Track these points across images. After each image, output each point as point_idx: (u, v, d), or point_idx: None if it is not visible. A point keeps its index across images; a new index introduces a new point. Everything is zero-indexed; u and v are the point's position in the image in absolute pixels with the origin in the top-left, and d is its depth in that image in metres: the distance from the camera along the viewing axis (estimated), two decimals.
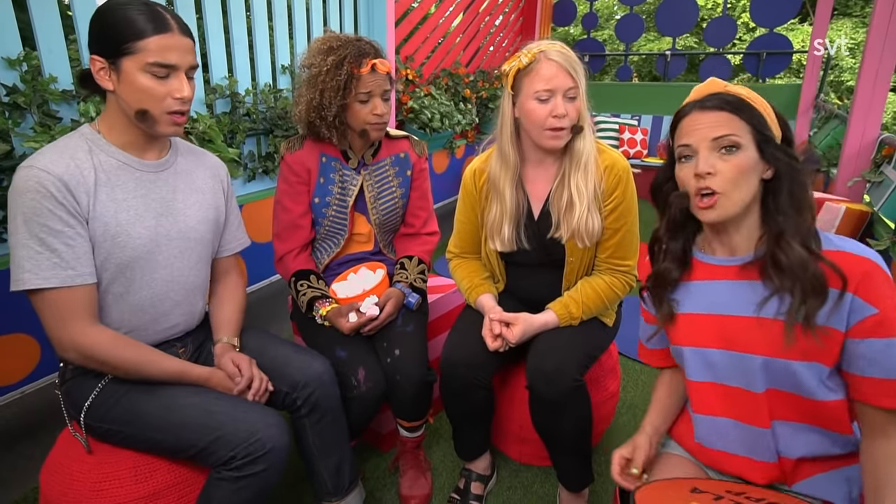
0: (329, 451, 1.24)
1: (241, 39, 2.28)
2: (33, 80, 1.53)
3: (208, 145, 1.83)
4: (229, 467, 1.01)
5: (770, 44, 4.58)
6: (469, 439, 1.47)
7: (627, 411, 1.88)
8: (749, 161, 0.82)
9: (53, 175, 0.91)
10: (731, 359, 0.88)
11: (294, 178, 1.46)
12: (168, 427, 1.02)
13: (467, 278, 1.45)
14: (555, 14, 5.64)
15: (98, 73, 0.95)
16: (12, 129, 1.50)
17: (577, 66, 1.20)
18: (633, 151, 4.78)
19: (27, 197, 0.90)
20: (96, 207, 0.98)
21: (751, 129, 0.82)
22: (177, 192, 1.11)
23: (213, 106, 2.17)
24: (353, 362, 1.32)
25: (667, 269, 0.95)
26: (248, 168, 2.32)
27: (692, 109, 0.86)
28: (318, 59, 1.31)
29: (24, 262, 0.91)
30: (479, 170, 1.38)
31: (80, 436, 1.07)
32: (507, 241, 1.33)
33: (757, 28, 7.97)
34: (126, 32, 0.92)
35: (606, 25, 12.20)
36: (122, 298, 1.05)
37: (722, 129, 0.82)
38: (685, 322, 0.94)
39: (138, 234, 1.03)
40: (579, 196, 1.25)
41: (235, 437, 1.01)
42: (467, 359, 1.32)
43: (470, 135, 4.26)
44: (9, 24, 1.51)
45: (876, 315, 0.76)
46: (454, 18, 4.11)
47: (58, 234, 0.92)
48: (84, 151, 0.98)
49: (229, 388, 1.11)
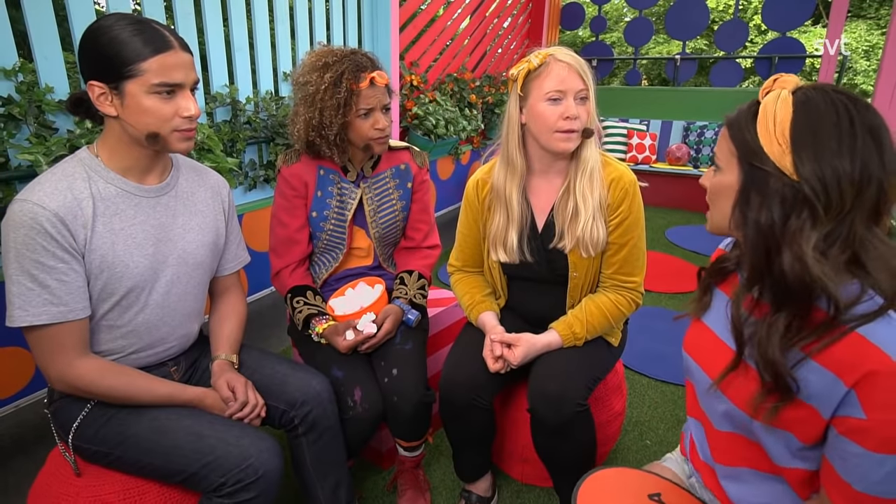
0: (326, 471, 1.21)
1: (241, 46, 2.26)
2: (29, 90, 1.51)
3: (207, 155, 1.81)
4: (220, 493, 0.98)
5: (782, 48, 4.50)
6: (469, 461, 1.43)
7: (634, 428, 1.82)
8: (722, 186, 0.72)
9: (49, 210, 0.89)
10: (704, 384, 0.82)
11: (291, 191, 1.42)
12: (158, 450, 1.00)
13: (468, 294, 1.41)
14: (563, 17, 5.60)
15: (98, 100, 0.91)
16: (7, 140, 1.48)
17: (587, 69, 1.18)
18: (641, 157, 4.72)
19: (20, 232, 0.88)
20: (93, 240, 0.95)
21: (736, 152, 0.70)
22: (177, 216, 1.08)
23: (213, 114, 2.15)
24: (349, 382, 1.28)
25: (728, 257, 0.83)
26: (248, 177, 2.30)
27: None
28: (314, 76, 1.27)
29: (15, 299, 0.90)
30: (482, 181, 1.34)
31: (69, 456, 1.04)
32: (511, 249, 1.28)
33: (769, 30, 7.86)
34: (126, 54, 0.88)
35: (615, 28, 12.13)
36: (118, 324, 1.03)
37: (718, 147, 0.74)
38: (698, 328, 0.87)
39: (136, 262, 1.00)
40: (584, 203, 1.21)
41: (227, 462, 0.98)
42: (467, 379, 1.28)
43: (475, 140, 4.22)
44: (4, 33, 1.50)
45: (862, 421, 0.62)
46: (461, 22, 4.08)
47: (50, 269, 0.90)
48: (82, 180, 0.95)
49: (222, 409, 1.09)
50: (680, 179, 4.53)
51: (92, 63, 0.91)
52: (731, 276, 0.83)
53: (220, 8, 2.15)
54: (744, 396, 0.73)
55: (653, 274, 3.11)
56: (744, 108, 0.69)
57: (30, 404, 1.66)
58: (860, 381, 0.61)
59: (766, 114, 0.65)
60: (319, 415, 1.18)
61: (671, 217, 4.34)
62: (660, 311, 2.66)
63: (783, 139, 0.63)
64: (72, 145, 1.52)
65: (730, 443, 0.80)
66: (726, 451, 0.81)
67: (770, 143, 0.64)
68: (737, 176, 0.68)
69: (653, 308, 2.69)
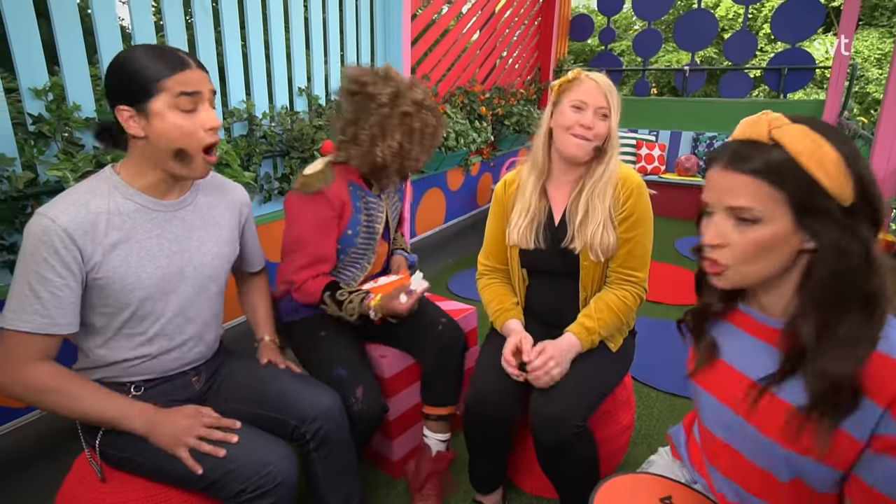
0: (337, 484, 1.24)
1: (258, 61, 2.33)
2: (58, 108, 1.57)
3: (225, 170, 1.86)
4: (240, 500, 1.01)
5: (792, 59, 4.51)
6: (486, 472, 1.46)
7: (642, 442, 1.84)
8: (772, 237, 0.68)
9: (59, 225, 0.93)
10: (749, 434, 0.79)
11: (331, 212, 1.39)
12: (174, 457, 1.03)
13: (496, 301, 1.46)
14: (572, 28, 5.64)
15: (128, 123, 0.97)
16: (37, 157, 1.54)
17: (613, 95, 1.30)
18: (650, 167, 4.74)
19: (30, 242, 0.93)
20: (105, 253, 0.99)
21: (787, 198, 0.67)
22: (193, 229, 1.12)
23: (230, 129, 2.21)
24: (352, 381, 1.33)
25: (711, 304, 0.85)
26: (264, 189, 2.35)
27: (719, 161, 0.71)
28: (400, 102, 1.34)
29: (12, 301, 0.95)
30: (509, 181, 1.46)
31: (95, 462, 1.08)
32: (523, 235, 1.37)
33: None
34: (148, 74, 0.95)
35: (625, 36, 12.16)
36: (136, 332, 1.07)
37: (742, 198, 0.68)
38: (718, 367, 0.85)
39: (149, 274, 1.04)
40: (593, 211, 1.31)
41: (247, 470, 1.01)
42: (496, 393, 1.31)
43: (485, 152, 4.26)
44: (36, 54, 1.56)
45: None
46: (471, 36, 4.14)
47: (47, 282, 0.94)
48: (102, 195, 1.00)
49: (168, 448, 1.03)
50: (689, 190, 4.54)
51: (119, 89, 0.96)
52: (730, 312, 0.84)
53: (237, 22, 2.21)
54: (789, 434, 0.72)
55: (662, 285, 3.12)
56: (756, 153, 0.68)
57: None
58: (894, 401, 0.63)
59: (812, 151, 0.65)
60: (330, 429, 1.21)
61: (681, 228, 4.35)
62: (668, 324, 2.67)
63: (842, 172, 0.65)
64: (98, 161, 1.57)
65: (798, 491, 0.76)
66: (797, 499, 0.78)
67: (827, 177, 0.65)
68: (790, 222, 0.67)
69: (661, 320, 2.70)
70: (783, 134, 0.67)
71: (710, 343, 0.85)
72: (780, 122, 0.68)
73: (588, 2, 11.90)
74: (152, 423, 1.03)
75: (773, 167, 0.66)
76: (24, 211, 1.53)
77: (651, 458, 1.08)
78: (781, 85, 4.58)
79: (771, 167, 0.66)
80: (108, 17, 1.75)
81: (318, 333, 1.46)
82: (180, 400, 1.15)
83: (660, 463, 1.05)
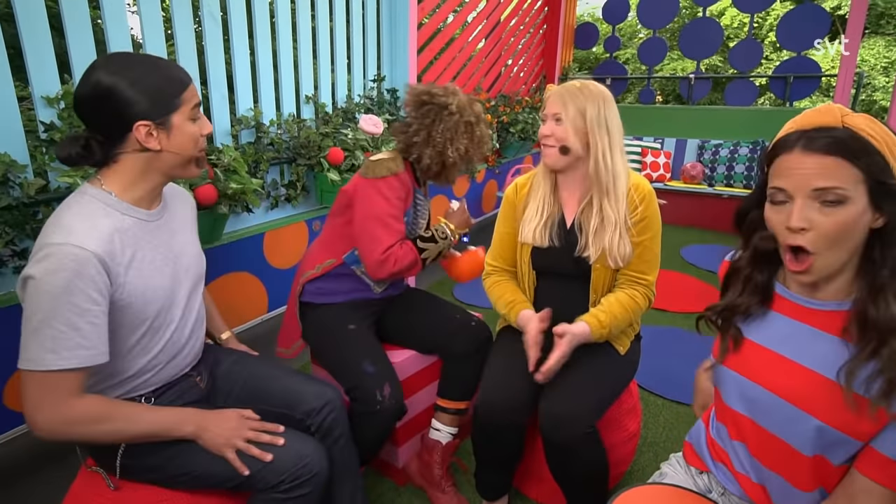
0: (343, 478, 1.27)
1: (266, 70, 2.36)
2: (69, 116, 1.60)
3: (233, 176, 1.88)
4: (278, 490, 1.04)
5: (797, 67, 4.51)
6: (492, 481, 1.46)
7: (649, 450, 1.83)
8: (855, 215, 0.70)
9: (89, 251, 0.90)
10: (781, 408, 0.81)
11: (405, 195, 1.50)
12: (216, 457, 1.04)
13: (506, 296, 1.45)
14: (577, 37, 5.67)
15: (146, 138, 0.96)
16: (48, 164, 1.57)
17: (570, 97, 1.32)
18: (655, 175, 4.73)
19: (60, 276, 0.87)
20: (125, 273, 0.98)
21: (864, 177, 0.70)
22: (175, 233, 1.12)
23: (238, 136, 2.23)
24: (380, 378, 1.37)
25: (745, 301, 0.86)
26: (270, 196, 2.37)
27: (796, 144, 0.72)
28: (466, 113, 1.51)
29: (48, 342, 0.88)
30: (521, 184, 1.49)
31: (102, 472, 1.08)
32: (536, 232, 1.39)
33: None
34: (175, 86, 0.98)
35: (630, 44, 12.21)
36: (150, 346, 1.07)
37: (828, 179, 0.70)
38: (749, 350, 0.86)
39: (160, 285, 1.05)
40: (608, 221, 1.32)
41: (287, 463, 1.05)
42: (506, 401, 1.31)
43: (490, 159, 4.27)
44: (49, 63, 1.59)
45: None
46: (477, 44, 4.16)
47: (85, 312, 0.90)
48: (103, 216, 0.97)
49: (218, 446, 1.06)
50: (695, 198, 4.53)
51: (138, 105, 0.94)
52: (774, 299, 0.85)
53: (246, 31, 2.24)
54: (838, 413, 0.74)
55: (668, 293, 3.11)
56: (837, 137, 0.71)
57: None
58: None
59: (881, 136, 0.70)
60: (334, 421, 1.23)
61: (686, 236, 4.33)
62: (675, 331, 2.66)
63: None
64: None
65: (818, 467, 0.79)
66: (817, 475, 0.80)
67: (895, 159, 0.70)
68: (867, 202, 0.70)
69: (668, 328, 2.69)
70: (855, 120, 0.71)
71: (738, 332, 0.87)
72: (848, 111, 0.72)
73: (594, 10, 11.96)
74: (201, 427, 1.05)
75: (855, 147, 0.69)
76: (34, 217, 1.56)
77: (662, 470, 1.06)
78: (787, 93, 4.57)
79: (851, 147, 0.69)
80: (120, 28, 1.78)
81: (345, 325, 1.50)
82: (190, 403, 1.16)
83: (671, 473, 1.03)
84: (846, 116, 0.71)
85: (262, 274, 2.42)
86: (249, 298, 2.38)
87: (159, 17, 1.93)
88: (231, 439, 1.05)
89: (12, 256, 1.54)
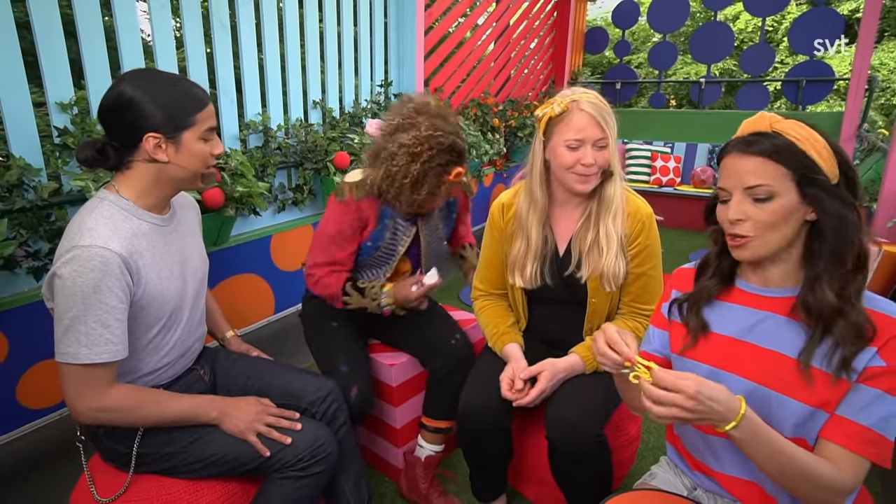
0: (348, 464, 1.32)
1: (274, 75, 2.40)
2: (82, 121, 1.65)
3: (240, 180, 1.92)
4: (295, 468, 1.11)
5: (810, 71, 4.46)
6: (486, 483, 1.47)
7: (650, 454, 1.82)
8: (785, 207, 0.80)
9: (115, 252, 0.97)
10: (754, 392, 0.85)
11: (356, 223, 1.45)
12: (236, 440, 1.11)
13: (493, 324, 1.43)
14: (586, 42, 5.67)
15: (154, 150, 1.02)
16: (62, 168, 1.62)
17: (609, 116, 1.21)
18: (665, 179, 4.71)
19: (90, 276, 0.94)
20: (146, 274, 1.05)
21: (791, 174, 0.79)
22: (183, 237, 1.19)
23: (246, 141, 2.28)
24: (350, 379, 1.42)
25: (708, 285, 0.94)
26: (278, 199, 2.41)
27: (732, 149, 0.84)
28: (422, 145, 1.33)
29: (82, 338, 0.96)
30: (506, 204, 1.39)
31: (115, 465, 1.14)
32: (529, 278, 1.33)
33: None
34: (192, 106, 1.04)
35: (642, 48, 12.14)
36: (162, 344, 1.13)
37: (756, 177, 0.80)
38: (716, 342, 0.91)
39: (173, 286, 1.11)
40: (608, 241, 1.26)
41: (303, 444, 1.12)
42: (485, 405, 1.31)
43: (498, 163, 4.29)
44: (63, 70, 1.64)
45: (884, 367, 0.76)
46: (485, 48, 4.19)
47: (112, 309, 0.98)
48: (122, 220, 1.03)
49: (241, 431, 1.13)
50: (704, 202, 4.48)
51: (153, 118, 1.01)
52: (725, 290, 0.94)
53: (254, 37, 2.29)
54: (805, 390, 0.81)
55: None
56: (764, 139, 0.81)
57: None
58: (884, 345, 0.77)
59: (806, 137, 0.80)
60: (338, 408, 1.31)
61: (695, 240, 4.30)
62: None
63: (828, 153, 0.80)
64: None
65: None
66: None
67: (820, 158, 0.79)
68: (796, 195, 0.80)
69: None
70: (783, 125, 0.81)
71: (702, 321, 0.93)
72: (778, 118, 0.83)
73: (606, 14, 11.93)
74: (224, 412, 1.13)
75: (779, 148, 0.80)
76: (48, 219, 1.60)
77: (653, 470, 1.08)
78: (799, 97, 4.53)
79: (777, 148, 0.80)
80: (132, 36, 1.83)
81: (329, 322, 1.55)
82: None
83: (660, 474, 1.05)
84: (775, 123, 0.82)
85: (269, 276, 2.46)
86: (256, 300, 2.42)
87: (170, 24, 1.98)
88: (253, 423, 1.12)
89: (26, 257, 1.59)
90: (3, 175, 1.50)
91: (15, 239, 1.51)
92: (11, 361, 1.62)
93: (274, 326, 2.53)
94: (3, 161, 1.55)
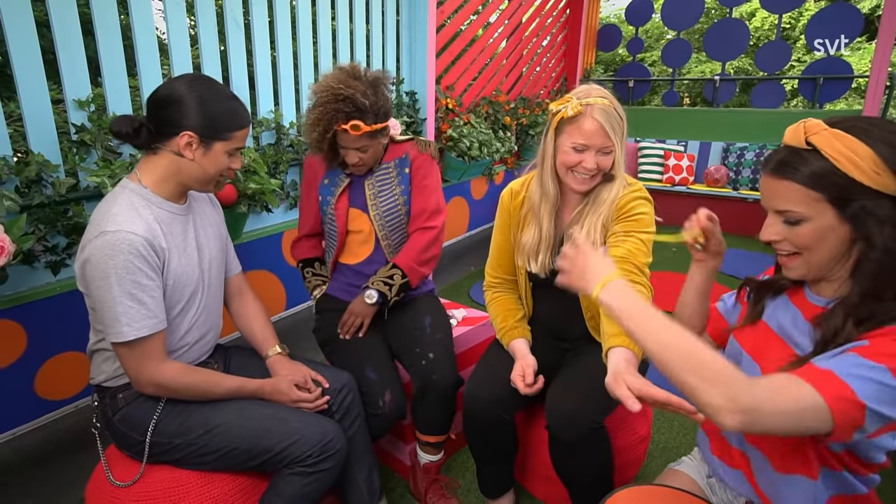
0: (361, 457, 1.34)
1: (287, 71, 2.42)
2: (99, 118, 1.67)
3: (252, 177, 1.94)
4: (304, 464, 1.14)
5: (828, 68, 4.39)
6: (492, 477, 1.47)
7: (661, 455, 1.81)
8: (818, 231, 0.76)
9: (140, 236, 1.04)
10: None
11: (309, 176, 1.63)
12: (246, 434, 1.14)
13: (501, 317, 1.45)
14: (599, 39, 5.63)
15: (185, 147, 1.09)
16: (79, 164, 1.64)
17: (618, 124, 1.23)
18: (678, 178, 4.67)
19: (120, 259, 1.01)
20: (170, 257, 1.12)
21: (825, 198, 0.74)
22: (199, 227, 1.24)
23: (258, 138, 2.30)
24: (382, 385, 1.40)
25: (781, 280, 0.92)
26: (290, 196, 2.43)
27: (764, 169, 0.81)
28: (321, 93, 1.40)
29: (122, 317, 1.03)
30: (515, 191, 1.43)
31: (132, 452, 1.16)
32: (541, 266, 1.37)
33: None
34: (233, 123, 1.12)
35: (656, 45, 12.02)
36: (179, 328, 1.18)
37: (785, 202, 0.77)
38: (760, 331, 0.92)
39: (192, 271, 1.18)
40: (587, 235, 1.29)
41: (312, 439, 1.15)
42: (490, 396, 1.33)
43: (509, 161, 4.28)
44: (81, 68, 1.67)
45: (865, 346, 0.70)
46: (496, 46, 4.18)
47: (145, 287, 1.05)
48: (144, 207, 1.09)
49: (281, 400, 1.23)
50: (718, 201, 4.45)
51: (194, 120, 1.08)
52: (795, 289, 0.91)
53: (268, 35, 2.31)
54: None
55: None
56: (796, 161, 0.75)
57: (88, 405, 1.80)
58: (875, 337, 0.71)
59: (843, 154, 0.72)
60: (352, 402, 1.34)
61: None
62: None
63: (879, 167, 0.71)
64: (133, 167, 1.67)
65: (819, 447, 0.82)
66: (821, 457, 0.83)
67: (863, 174, 0.71)
68: (834, 216, 0.74)
69: None
70: (818, 139, 0.74)
71: (759, 310, 0.93)
72: (818, 127, 0.75)
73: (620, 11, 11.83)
74: (262, 383, 1.23)
75: (811, 173, 0.74)
76: (65, 214, 1.63)
77: (683, 459, 1.11)
78: (816, 95, 4.45)
79: (808, 173, 0.74)
80: (148, 34, 1.86)
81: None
82: None
83: (686, 461, 1.10)
84: (812, 136, 0.74)
85: (280, 272, 2.48)
86: (268, 296, 2.45)
87: (185, 22, 2.00)
88: (295, 378, 1.26)
89: (44, 252, 1.62)
90: (22, 171, 1.54)
91: (34, 234, 1.54)
92: (30, 354, 1.66)
93: (285, 322, 2.56)
94: (22, 157, 1.58)
